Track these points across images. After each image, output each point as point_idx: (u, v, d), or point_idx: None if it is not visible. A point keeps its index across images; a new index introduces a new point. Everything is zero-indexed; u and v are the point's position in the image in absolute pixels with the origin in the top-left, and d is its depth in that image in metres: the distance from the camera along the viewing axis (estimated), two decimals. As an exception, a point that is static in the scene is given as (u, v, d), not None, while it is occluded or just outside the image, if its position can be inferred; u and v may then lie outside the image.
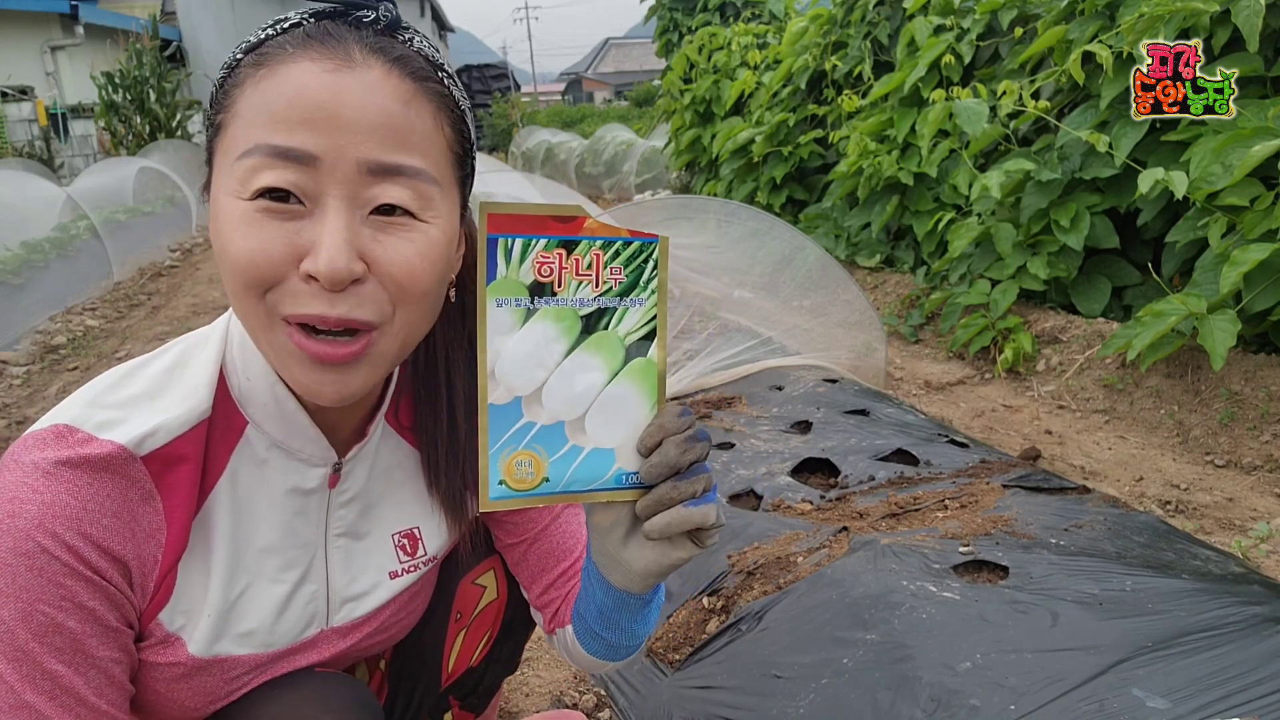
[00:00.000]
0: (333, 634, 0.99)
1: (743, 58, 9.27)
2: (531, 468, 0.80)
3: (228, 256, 0.77)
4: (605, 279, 0.79)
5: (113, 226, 8.55)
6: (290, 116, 0.74)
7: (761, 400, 3.12)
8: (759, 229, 4.20)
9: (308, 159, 0.74)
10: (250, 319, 0.80)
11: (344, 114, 0.74)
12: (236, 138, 0.76)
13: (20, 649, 0.77)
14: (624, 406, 0.82)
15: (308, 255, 0.75)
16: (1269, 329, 3.42)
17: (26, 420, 4.63)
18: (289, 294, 0.77)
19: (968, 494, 2.15)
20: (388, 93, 0.77)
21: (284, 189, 0.75)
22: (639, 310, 0.81)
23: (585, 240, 0.78)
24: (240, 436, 0.89)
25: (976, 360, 4.58)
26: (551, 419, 0.80)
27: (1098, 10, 4.46)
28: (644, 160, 12.30)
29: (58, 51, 18.69)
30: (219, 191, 0.78)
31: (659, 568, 0.85)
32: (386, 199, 0.77)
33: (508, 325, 0.77)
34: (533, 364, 0.79)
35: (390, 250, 0.78)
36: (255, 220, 0.75)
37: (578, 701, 1.96)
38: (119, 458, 0.80)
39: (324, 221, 0.75)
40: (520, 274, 0.77)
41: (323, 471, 0.94)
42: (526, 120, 25.02)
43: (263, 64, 0.77)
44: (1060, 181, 4.38)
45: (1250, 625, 1.43)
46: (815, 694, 1.50)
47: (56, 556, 0.77)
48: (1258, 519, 2.75)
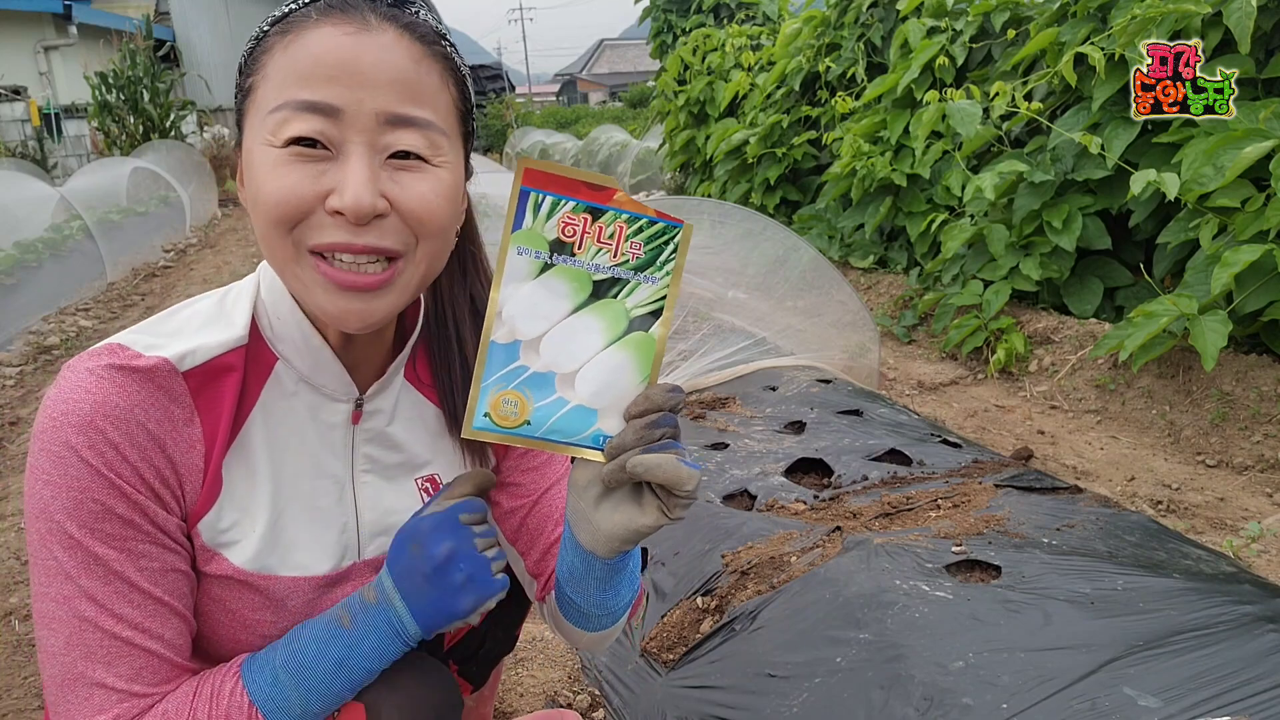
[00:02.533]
0: (364, 566, 1.04)
1: (737, 59, 9.28)
2: (516, 408, 0.84)
3: (261, 196, 0.84)
4: (624, 251, 0.83)
5: (106, 227, 8.52)
6: (316, 74, 0.83)
7: (755, 400, 3.13)
8: (753, 230, 4.20)
9: (332, 111, 0.83)
10: (278, 253, 0.87)
11: (363, 70, 0.83)
12: (268, 96, 0.85)
13: (71, 537, 0.84)
14: (616, 372, 0.85)
15: (333, 194, 0.83)
16: (1260, 330, 3.44)
17: (19, 421, 4.61)
18: (315, 227, 0.84)
19: (960, 494, 2.16)
20: (401, 52, 0.85)
21: (311, 137, 0.83)
22: (650, 288, 0.84)
23: (612, 210, 0.81)
24: (270, 372, 0.97)
25: (969, 361, 4.59)
26: (545, 368, 0.84)
27: (1090, 12, 4.47)
28: (638, 161, 12.30)
29: (51, 51, 18.60)
30: (252, 143, 0.86)
31: (625, 532, 0.89)
32: (402, 145, 0.85)
33: (523, 273, 0.81)
34: (539, 314, 0.83)
35: (408, 189, 0.86)
36: (286, 162, 0.83)
37: (572, 701, 1.96)
38: (163, 369, 0.88)
39: (348, 164, 0.83)
40: (545, 229, 0.81)
41: (346, 407, 1.00)
42: (521, 121, 25.00)
43: (289, 30, 0.85)
44: (1053, 183, 4.40)
45: (1241, 624, 1.43)
46: (809, 693, 1.51)
47: (108, 444, 0.84)
48: (1249, 519, 2.76)
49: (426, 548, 0.93)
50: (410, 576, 0.93)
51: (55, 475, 0.83)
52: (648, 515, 0.88)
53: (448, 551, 0.92)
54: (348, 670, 0.93)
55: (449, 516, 0.95)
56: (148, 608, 0.87)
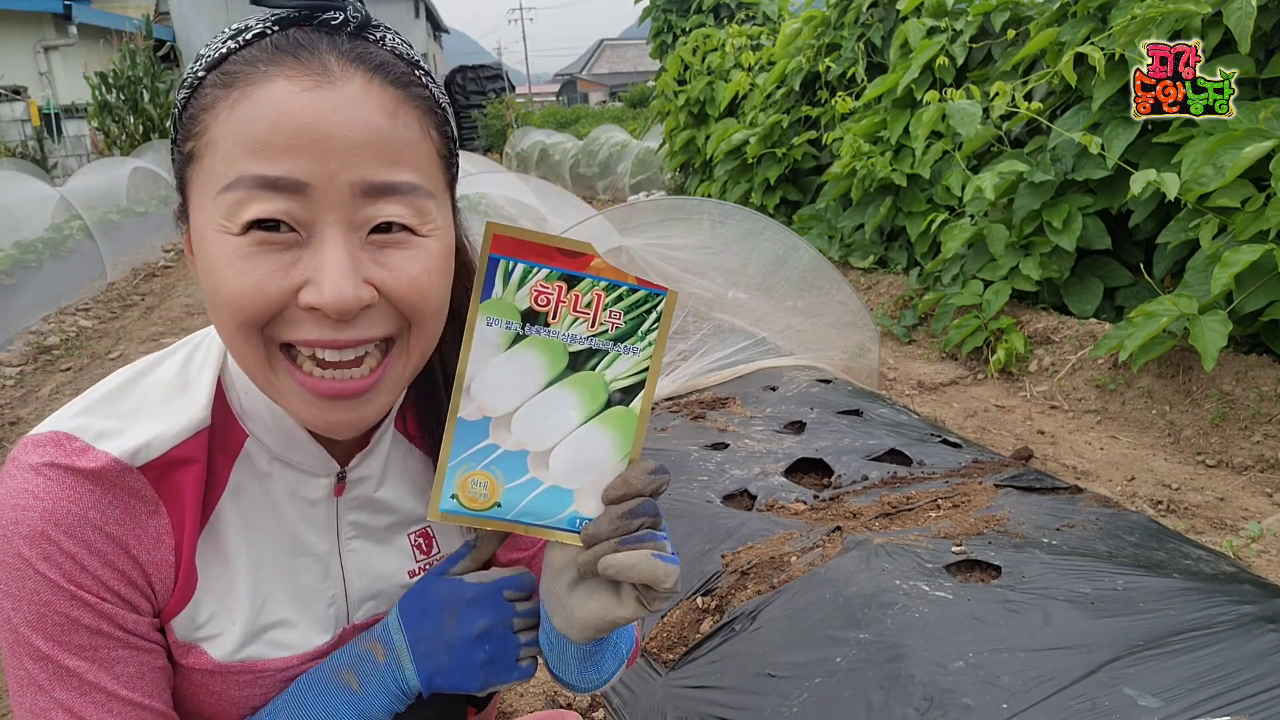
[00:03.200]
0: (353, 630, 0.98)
1: (737, 59, 9.29)
2: (486, 489, 0.80)
3: (221, 295, 0.72)
4: (602, 320, 0.77)
5: (106, 227, 8.53)
6: (273, 143, 0.69)
7: (755, 401, 3.13)
8: (753, 230, 4.20)
9: (298, 187, 0.70)
10: (249, 359, 0.76)
11: (330, 134, 0.70)
12: (215, 170, 0.72)
13: (39, 650, 0.78)
14: (593, 451, 0.80)
15: (307, 286, 0.72)
16: (1260, 330, 3.44)
17: (19, 421, 4.61)
18: (289, 323, 0.73)
19: (960, 494, 2.16)
20: (372, 106, 0.72)
21: (274, 219, 0.71)
22: (632, 359, 0.79)
23: (589, 278, 0.76)
24: (240, 450, 0.88)
25: (969, 361, 4.59)
26: (516, 446, 0.79)
27: (1089, 13, 4.48)
28: (638, 161, 12.30)
29: (51, 51, 18.62)
30: (203, 227, 0.74)
31: (599, 621, 0.83)
32: (384, 217, 0.73)
33: (493, 345, 0.76)
34: (509, 388, 0.78)
35: (395, 271, 0.74)
36: (247, 254, 0.71)
37: (572, 702, 1.96)
38: (113, 470, 0.79)
39: (322, 250, 0.71)
40: (515, 298, 0.75)
41: (327, 482, 0.91)
42: (521, 121, 24.99)
43: (233, 85, 0.72)
44: (1052, 183, 4.40)
45: (1241, 624, 1.43)
46: (809, 693, 1.51)
47: (63, 555, 0.77)
48: (1249, 518, 2.76)
49: (461, 618, 0.87)
50: (430, 641, 0.87)
51: (13, 588, 0.76)
52: (625, 608, 0.81)
53: (483, 629, 0.87)
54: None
55: (494, 590, 0.88)
56: (128, 713, 0.81)
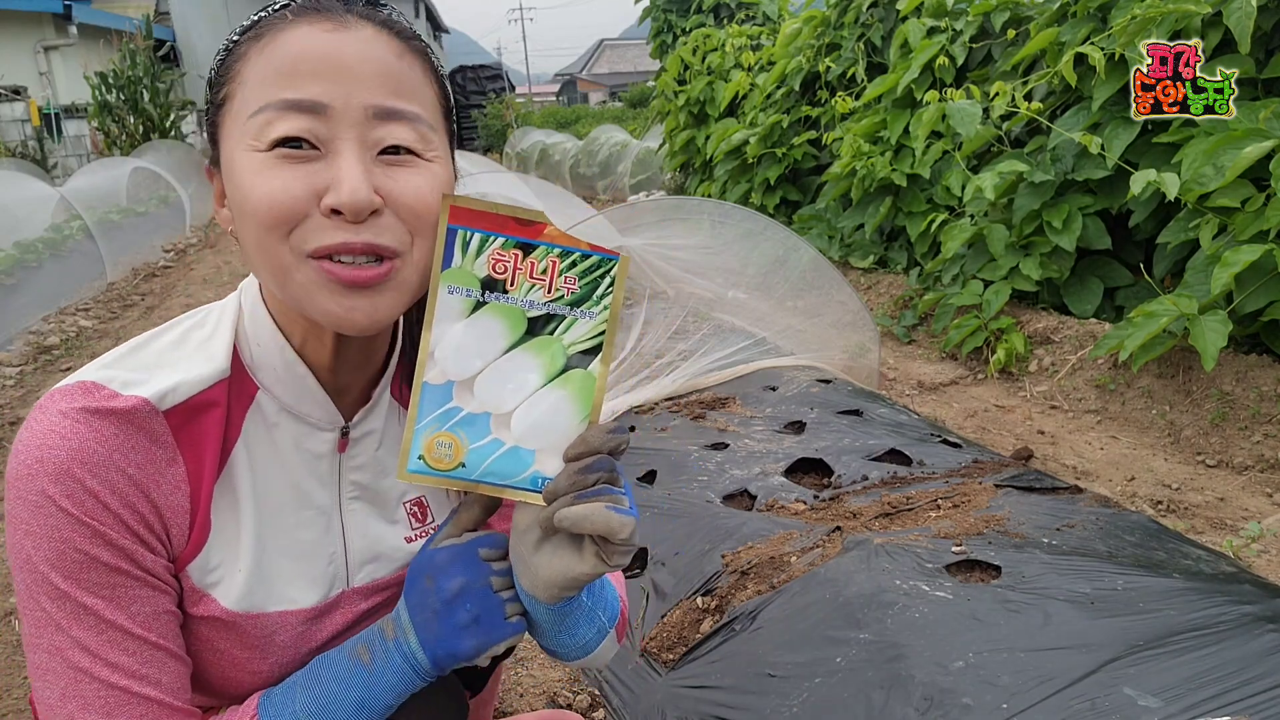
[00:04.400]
0: (354, 594, 1.02)
1: (737, 59, 9.29)
2: (451, 450, 0.83)
3: (250, 202, 0.81)
4: (558, 286, 0.81)
5: (106, 227, 8.53)
6: (298, 71, 0.80)
7: (755, 400, 3.13)
8: (753, 230, 4.20)
9: (319, 108, 0.80)
10: (276, 261, 0.82)
11: (347, 64, 0.81)
12: (247, 100, 0.82)
13: (58, 588, 0.81)
14: (553, 412, 0.83)
15: (327, 192, 0.80)
16: (1260, 330, 3.44)
17: (19, 421, 4.61)
18: (313, 229, 0.81)
19: (960, 494, 2.16)
20: (382, 46, 0.84)
21: (298, 137, 0.80)
22: (588, 323, 0.82)
23: (543, 245, 0.80)
24: (252, 402, 0.93)
25: (969, 361, 4.59)
26: (479, 408, 0.83)
27: (1090, 12, 4.48)
28: (638, 161, 12.30)
29: (51, 51, 18.60)
30: (234, 150, 0.83)
31: (562, 579, 0.86)
32: (393, 140, 0.83)
33: (455, 312, 0.81)
34: (471, 353, 0.81)
35: (402, 183, 0.83)
36: (274, 165, 0.80)
37: (572, 702, 1.96)
38: (142, 411, 0.84)
39: (340, 161, 0.81)
40: (474, 267, 0.80)
41: (331, 436, 0.97)
42: (521, 121, 24.98)
43: (263, 35, 0.83)
44: (1053, 183, 4.40)
45: (1241, 624, 1.43)
46: (809, 693, 1.51)
47: (86, 493, 0.81)
48: (1249, 519, 2.76)
49: (439, 580, 0.90)
50: (422, 610, 0.90)
51: (35, 526, 0.81)
52: (585, 563, 0.85)
53: (459, 587, 0.89)
54: (368, 710, 0.91)
55: (466, 550, 0.92)
56: (143, 654, 0.85)
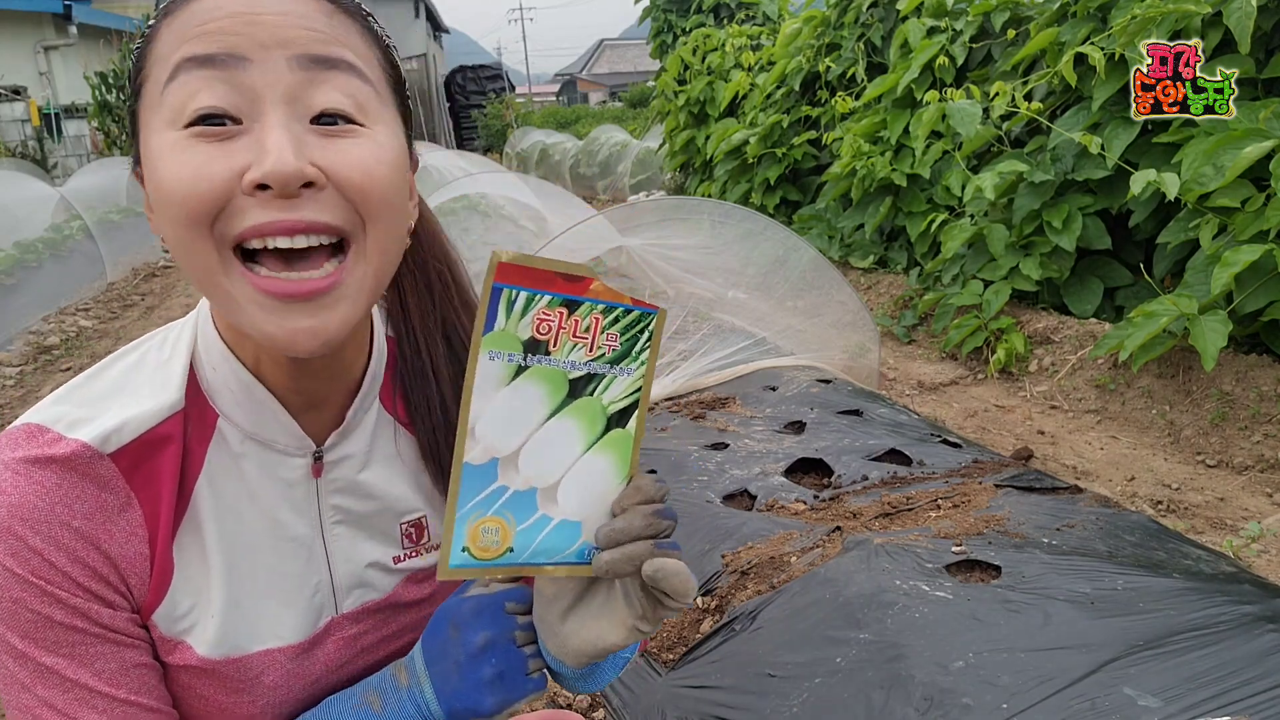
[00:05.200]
0: (344, 620, 0.95)
1: (737, 59, 9.29)
2: (498, 535, 0.76)
3: (163, 190, 0.71)
4: (599, 344, 0.77)
5: (106, 226, 8.53)
6: (209, 28, 0.70)
7: (755, 400, 3.13)
8: (753, 230, 4.20)
9: (235, 61, 0.70)
10: (199, 261, 0.72)
11: (265, 19, 0.71)
12: (159, 76, 0.72)
13: (15, 647, 0.76)
14: (597, 478, 0.79)
15: (251, 168, 0.69)
16: (1260, 330, 3.44)
17: (19, 421, 4.62)
18: (236, 213, 0.70)
19: (960, 494, 2.16)
20: (309, 5, 0.73)
21: (215, 111, 0.70)
22: (626, 380, 0.79)
23: (588, 302, 0.75)
24: (214, 431, 0.85)
25: (969, 361, 4.59)
26: (525, 484, 0.77)
27: (1089, 12, 4.48)
28: (638, 161, 12.30)
29: (51, 51, 18.60)
30: (150, 134, 0.73)
31: (593, 649, 0.82)
32: (325, 103, 0.72)
33: (496, 380, 0.74)
34: (515, 424, 0.75)
35: (341, 154, 0.73)
36: (189, 146, 0.70)
37: (572, 702, 1.96)
38: (84, 456, 0.77)
39: (264, 128, 0.70)
40: (518, 329, 0.73)
41: (303, 461, 0.88)
42: (521, 121, 24.97)
43: (174, 9, 0.73)
44: (1052, 183, 4.40)
45: (1241, 624, 1.43)
46: (809, 693, 1.51)
47: (30, 551, 0.75)
48: (1249, 519, 2.77)
49: (464, 632, 0.85)
50: (442, 660, 0.86)
51: None
52: (618, 632, 0.80)
53: (484, 641, 0.84)
54: None
55: (493, 602, 0.86)
56: (114, 711, 0.79)
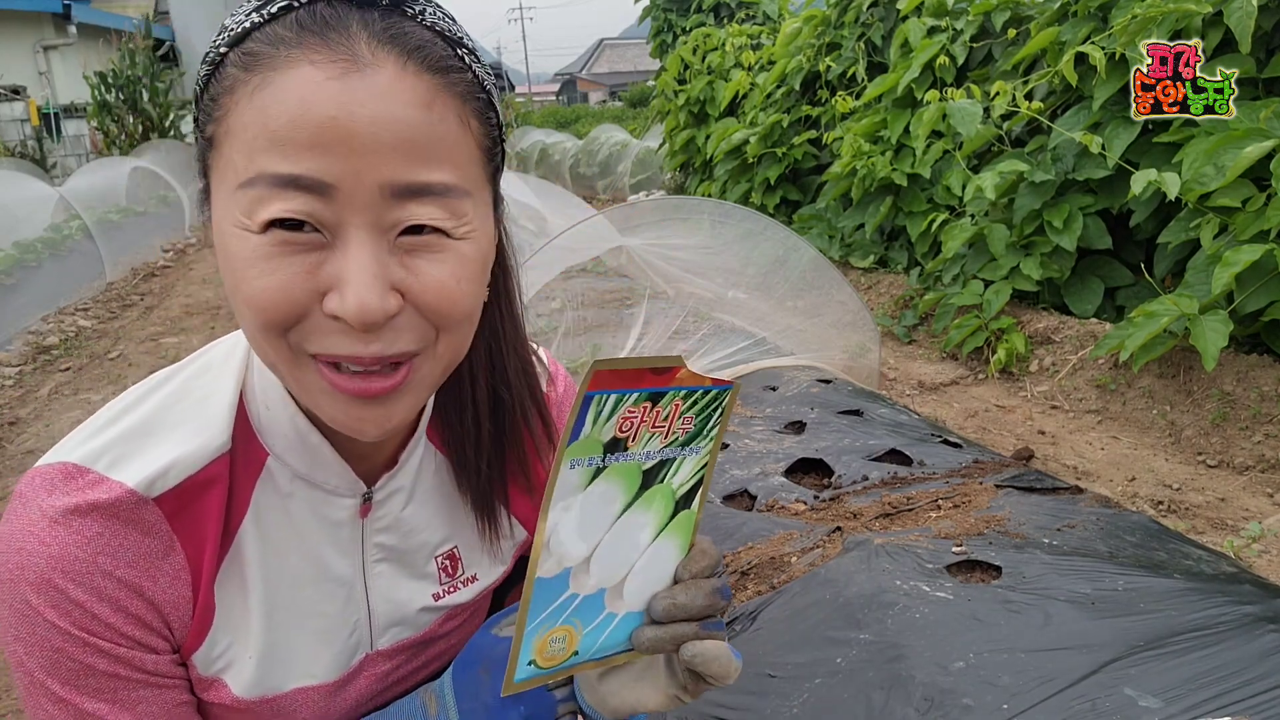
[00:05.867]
0: (377, 657, 0.95)
1: (737, 59, 9.29)
2: (565, 643, 0.74)
3: (241, 296, 0.68)
4: (675, 429, 0.73)
5: (105, 226, 8.53)
6: (295, 139, 0.64)
7: (755, 400, 3.13)
8: (753, 230, 4.20)
9: (321, 187, 0.65)
10: (274, 358, 0.72)
11: (357, 132, 0.64)
12: (235, 162, 0.67)
13: (56, 694, 0.75)
14: (662, 564, 0.77)
15: (331, 291, 0.67)
16: (1261, 330, 3.44)
17: (19, 421, 4.61)
18: (314, 332, 0.69)
19: (961, 494, 2.15)
20: (405, 98, 0.66)
21: (296, 219, 0.66)
22: (695, 459, 0.75)
23: (672, 391, 0.71)
24: (262, 469, 0.84)
25: (970, 361, 4.59)
26: (594, 587, 0.74)
27: (1090, 12, 4.47)
28: (638, 161, 12.30)
29: (50, 51, 18.61)
30: (223, 222, 0.69)
31: (630, 710, 0.82)
32: (415, 220, 0.68)
33: (573, 488, 0.70)
34: (588, 529, 0.72)
35: (424, 277, 0.70)
36: (269, 255, 0.66)
37: (572, 702, 1.96)
38: (128, 502, 0.75)
39: (347, 255, 0.67)
40: (601, 432, 0.69)
41: (352, 502, 0.88)
42: (521, 121, 24.96)
43: (254, 68, 0.66)
44: (1053, 183, 4.40)
45: (1242, 625, 1.43)
46: (809, 693, 1.50)
47: (72, 604, 0.73)
48: (1250, 519, 2.76)
49: (494, 674, 0.83)
50: (472, 699, 0.85)
51: (24, 634, 0.74)
52: (657, 699, 0.80)
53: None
54: None
55: None
56: None
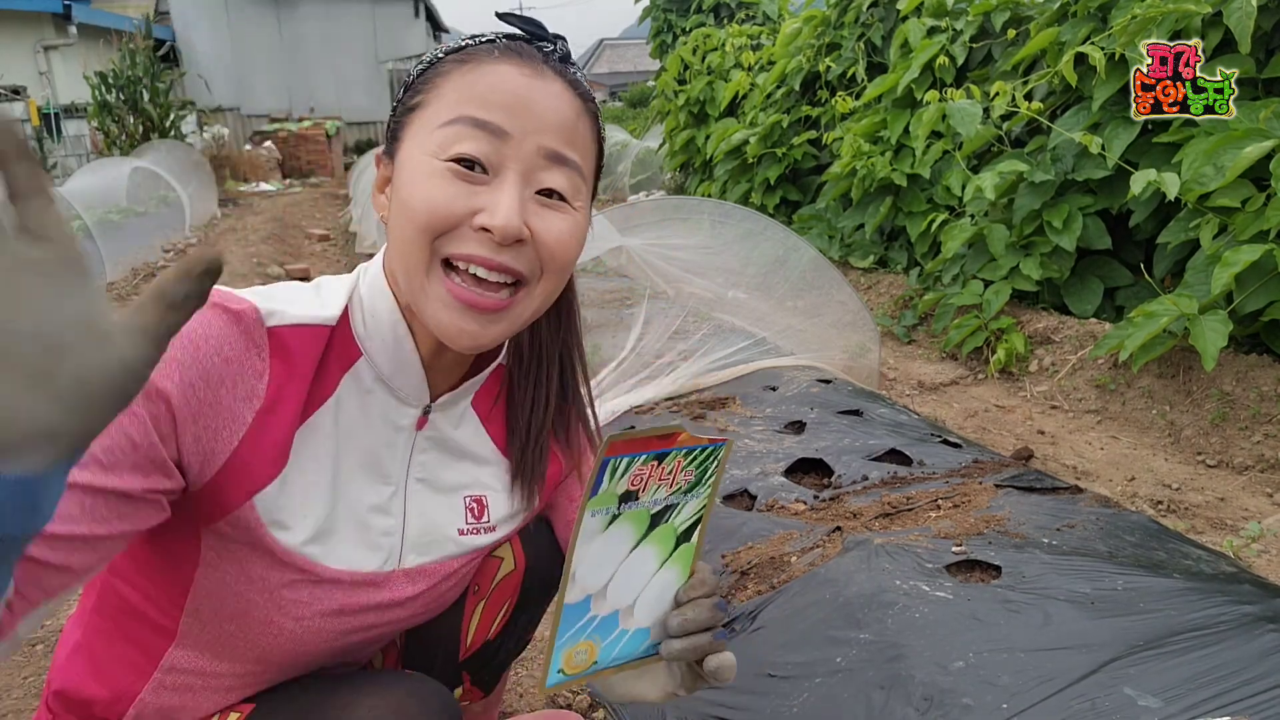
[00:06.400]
0: (402, 577, 1.08)
1: (737, 59, 9.28)
2: (587, 654, 0.92)
3: (414, 200, 0.91)
4: (679, 480, 0.89)
5: (106, 227, 8.52)
6: (492, 99, 0.91)
7: (755, 400, 3.13)
8: (753, 230, 4.20)
9: (501, 133, 0.90)
10: (413, 258, 0.92)
11: (534, 108, 0.92)
12: (440, 111, 0.92)
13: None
14: (665, 589, 0.94)
15: (482, 213, 0.90)
16: (1260, 330, 3.44)
17: (19, 421, 4.60)
18: (458, 239, 0.91)
19: (960, 494, 2.15)
20: (566, 102, 0.95)
21: (474, 158, 0.90)
22: (695, 503, 0.92)
23: (675, 451, 0.87)
24: (352, 365, 1.01)
25: (969, 361, 4.59)
26: (610, 610, 0.91)
27: (1090, 12, 4.47)
28: (639, 161, 12.29)
29: (51, 51, 18.57)
30: (414, 150, 0.93)
31: (631, 699, 1.03)
32: (550, 183, 0.93)
33: (594, 531, 0.86)
34: (605, 563, 0.88)
35: (548, 223, 0.94)
36: (445, 176, 0.90)
37: (571, 702, 1.96)
38: (249, 314, 0.92)
39: (502, 189, 0.91)
40: (616, 487, 0.85)
41: (415, 411, 1.05)
42: (521, 121, 24.90)
43: (468, 60, 0.94)
44: (1053, 183, 4.40)
45: (1241, 624, 1.43)
46: (809, 693, 1.50)
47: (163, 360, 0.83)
48: (1249, 519, 2.76)
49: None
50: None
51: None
52: (655, 693, 1.01)
53: None
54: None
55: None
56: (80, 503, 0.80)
